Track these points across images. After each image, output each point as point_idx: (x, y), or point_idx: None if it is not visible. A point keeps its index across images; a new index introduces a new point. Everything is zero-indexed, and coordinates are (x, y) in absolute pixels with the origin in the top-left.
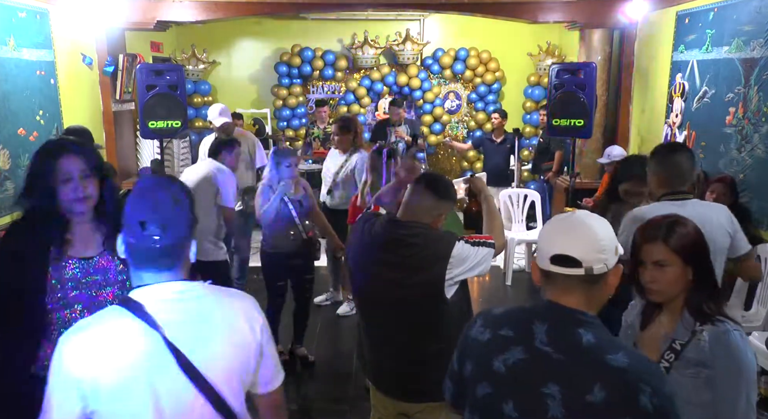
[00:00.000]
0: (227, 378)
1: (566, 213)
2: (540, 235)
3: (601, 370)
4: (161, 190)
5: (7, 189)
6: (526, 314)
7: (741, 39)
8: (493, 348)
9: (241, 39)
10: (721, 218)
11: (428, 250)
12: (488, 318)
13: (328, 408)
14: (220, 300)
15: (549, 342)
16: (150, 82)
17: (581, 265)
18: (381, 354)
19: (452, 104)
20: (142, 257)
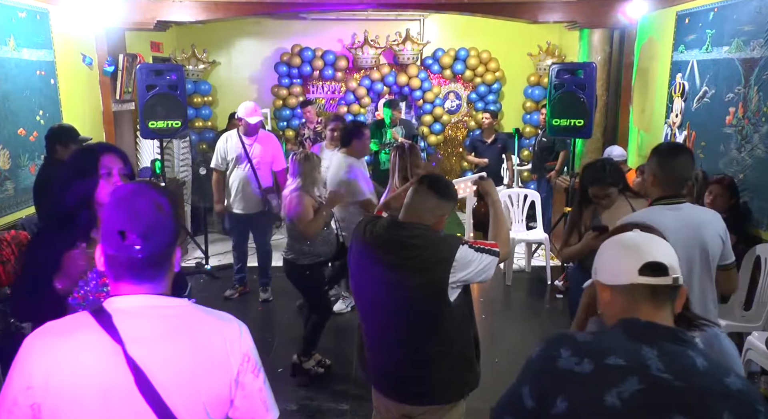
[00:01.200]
0: (192, 406)
1: (619, 234)
2: (606, 254)
3: (725, 396)
4: (140, 197)
5: (7, 189)
6: (628, 338)
7: (741, 39)
8: (603, 380)
9: (241, 39)
10: (716, 223)
11: (429, 252)
12: (577, 346)
13: (328, 408)
14: (199, 322)
15: (666, 369)
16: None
17: (669, 273)
18: (382, 356)
19: (452, 104)
20: (122, 268)
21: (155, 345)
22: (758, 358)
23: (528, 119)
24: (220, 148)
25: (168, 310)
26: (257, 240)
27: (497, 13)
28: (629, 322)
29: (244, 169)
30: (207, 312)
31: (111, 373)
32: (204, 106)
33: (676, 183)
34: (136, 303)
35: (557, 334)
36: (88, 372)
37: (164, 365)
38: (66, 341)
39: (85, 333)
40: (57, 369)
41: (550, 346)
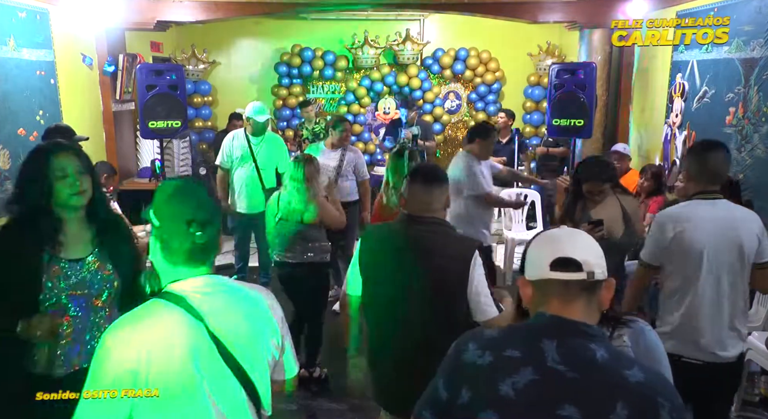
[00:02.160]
0: (259, 367)
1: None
2: (530, 250)
3: (621, 387)
4: (197, 190)
5: (6, 189)
6: (531, 332)
7: (741, 39)
8: (499, 371)
9: (241, 39)
10: (751, 220)
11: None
12: (483, 340)
13: (328, 408)
14: (247, 294)
15: (562, 360)
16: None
17: (582, 269)
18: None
19: (452, 104)
20: (182, 255)
21: (226, 317)
22: (758, 358)
23: (528, 119)
24: (226, 146)
25: (222, 286)
26: (259, 240)
27: (497, 13)
28: (537, 317)
29: (248, 169)
30: (247, 285)
31: (199, 348)
32: (204, 106)
33: (708, 178)
34: (198, 283)
35: (470, 332)
36: (180, 352)
37: (237, 335)
38: (149, 324)
39: (166, 316)
40: (152, 350)
41: (461, 341)
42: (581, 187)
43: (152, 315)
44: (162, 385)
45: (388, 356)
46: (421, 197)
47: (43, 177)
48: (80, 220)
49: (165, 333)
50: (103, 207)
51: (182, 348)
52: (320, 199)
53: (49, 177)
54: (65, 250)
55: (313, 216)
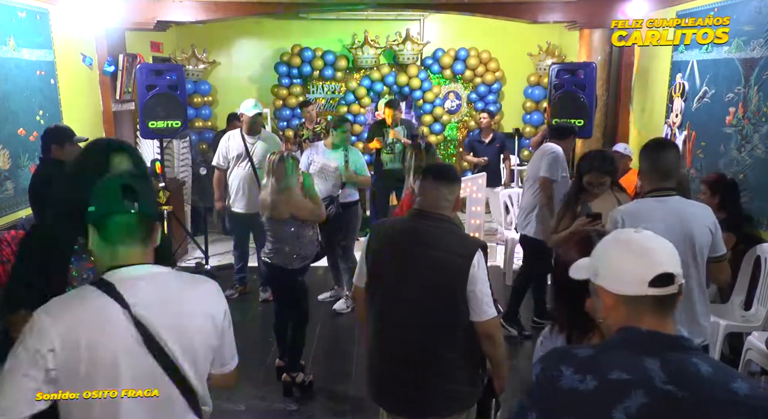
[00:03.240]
0: (192, 359)
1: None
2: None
3: (733, 403)
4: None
5: (7, 189)
6: (631, 350)
7: (741, 39)
8: (608, 397)
9: (241, 39)
10: (703, 215)
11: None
12: (579, 363)
13: (328, 408)
14: (187, 284)
15: (669, 380)
16: (150, 82)
17: (675, 282)
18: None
19: (452, 104)
20: (118, 233)
21: (156, 306)
22: (758, 358)
23: (528, 119)
24: (222, 147)
25: (159, 276)
26: (258, 239)
27: (497, 13)
28: (630, 332)
29: (244, 168)
30: (189, 276)
31: (121, 335)
32: (204, 106)
33: (661, 176)
34: (132, 272)
35: (555, 352)
36: (101, 334)
37: (167, 324)
38: (78, 307)
39: (93, 301)
40: (74, 333)
41: (550, 366)
42: (582, 180)
43: (81, 299)
44: (81, 370)
45: (389, 352)
46: (429, 193)
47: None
48: None
49: (89, 318)
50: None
51: (105, 334)
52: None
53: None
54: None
55: (281, 211)
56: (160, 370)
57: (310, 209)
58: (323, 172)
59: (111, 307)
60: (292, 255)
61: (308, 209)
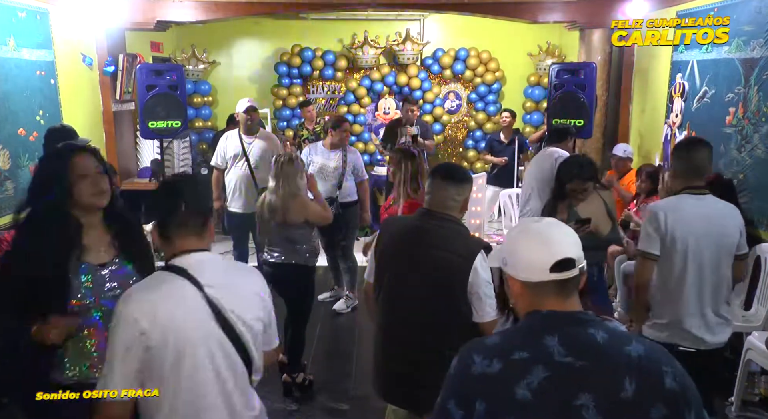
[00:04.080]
0: (252, 334)
1: (529, 222)
2: (520, 250)
3: (626, 364)
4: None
5: (7, 189)
6: (532, 331)
7: (741, 39)
8: (511, 375)
9: (241, 39)
10: (734, 215)
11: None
12: (487, 349)
13: (329, 408)
14: (240, 269)
15: (567, 352)
16: (150, 82)
17: (575, 265)
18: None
19: (452, 104)
20: (177, 227)
21: (224, 289)
22: (758, 358)
23: (528, 119)
24: (220, 147)
25: (220, 261)
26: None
27: (497, 13)
28: (532, 316)
29: (241, 168)
30: (238, 263)
31: (199, 313)
32: (204, 106)
33: (694, 173)
34: (198, 258)
35: (468, 344)
36: (184, 313)
37: (234, 305)
38: (157, 291)
39: (172, 282)
40: (160, 312)
41: (464, 355)
42: (563, 187)
43: (160, 283)
44: (170, 346)
45: (392, 347)
46: (437, 193)
47: (63, 177)
48: (99, 223)
49: (171, 298)
50: (120, 207)
51: (187, 312)
52: (302, 198)
53: (70, 177)
54: (89, 255)
55: (294, 217)
56: (229, 343)
57: (321, 213)
58: (322, 172)
59: (187, 287)
60: (305, 252)
61: (320, 213)
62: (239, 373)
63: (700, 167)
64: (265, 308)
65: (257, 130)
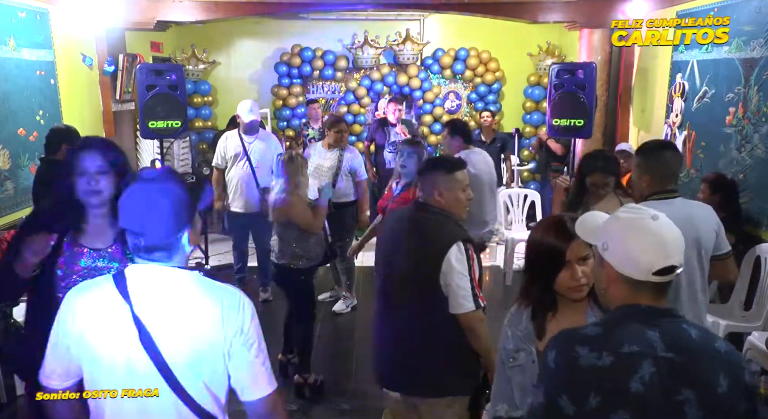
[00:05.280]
0: (188, 367)
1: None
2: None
3: (719, 360)
4: (141, 196)
5: (7, 189)
6: (634, 325)
7: (741, 39)
8: (624, 369)
9: (241, 39)
10: (707, 216)
11: (433, 236)
12: (591, 341)
13: (328, 408)
14: (202, 292)
15: (668, 348)
16: (150, 82)
17: (676, 270)
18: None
19: (452, 104)
20: (135, 250)
21: (160, 307)
22: (758, 358)
23: (528, 119)
24: (221, 147)
25: (175, 278)
26: (257, 240)
27: (497, 13)
28: (632, 308)
29: (242, 168)
30: (211, 285)
31: (121, 327)
32: (204, 106)
33: (665, 177)
34: (148, 271)
35: (563, 335)
36: (106, 323)
37: (165, 327)
38: (91, 296)
39: (106, 292)
40: (86, 318)
41: (564, 348)
42: (585, 181)
43: (97, 287)
44: (87, 353)
45: (380, 330)
46: (425, 185)
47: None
48: (104, 215)
49: (98, 306)
50: None
51: (108, 325)
52: (290, 198)
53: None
54: (87, 239)
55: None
56: (156, 370)
57: (307, 220)
58: (317, 172)
59: (116, 300)
60: (297, 255)
61: (305, 220)
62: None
63: (669, 171)
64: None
65: (258, 130)
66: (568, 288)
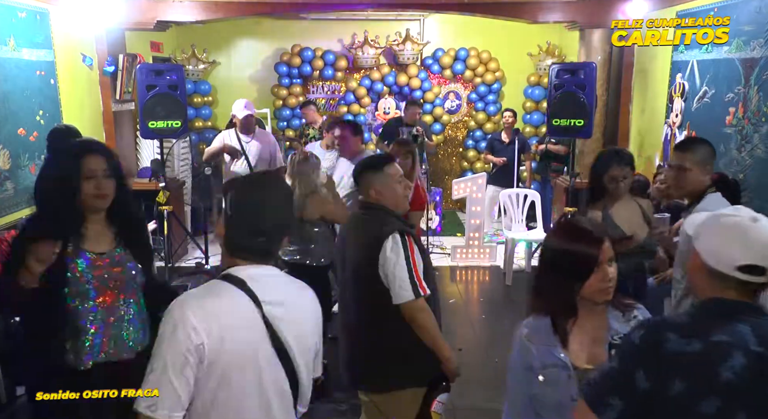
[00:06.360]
0: (305, 360)
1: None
2: (722, 239)
3: None
4: (273, 197)
5: (7, 189)
6: (724, 316)
7: (741, 39)
8: (714, 357)
9: (241, 39)
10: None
11: (370, 230)
12: (680, 328)
13: (328, 408)
14: (300, 289)
15: (759, 343)
16: (150, 82)
17: (764, 274)
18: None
19: (452, 104)
20: (243, 252)
21: (282, 308)
22: None
23: (528, 119)
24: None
25: (280, 278)
26: None
27: (497, 13)
28: (720, 301)
29: (241, 167)
30: (299, 282)
31: (255, 331)
32: (204, 106)
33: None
34: (260, 273)
35: (653, 320)
36: (241, 329)
37: (290, 326)
38: (217, 302)
39: (231, 295)
40: (218, 325)
41: (653, 330)
42: (600, 183)
43: (218, 294)
44: (221, 362)
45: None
46: (361, 185)
47: (72, 176)
48: (102, 218)
49: (229, 311)
50: (128, 206)
51: (242, 328)
52: (319, 195)
53: (78, 177)
54: (88, 243)
55: (311, 214)
56: (280, 368)
57: (339, 211)
58: None
59: (245, 302)
60: (320, 253)
61: (337, 211)
62: (285, 401)
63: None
64: (320, 334)
65: (254, 129)
66: (597, 291)
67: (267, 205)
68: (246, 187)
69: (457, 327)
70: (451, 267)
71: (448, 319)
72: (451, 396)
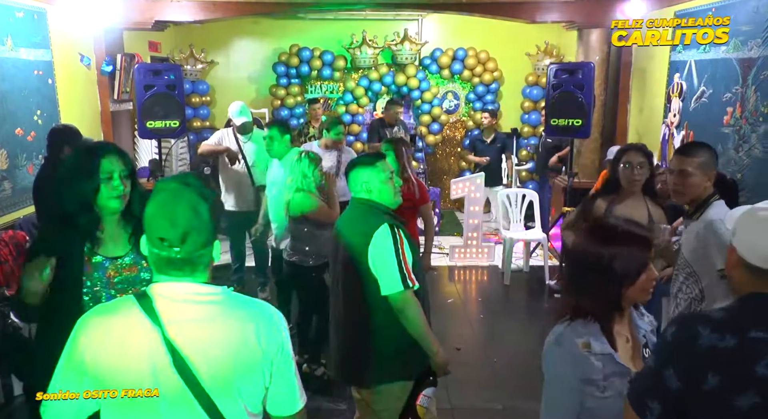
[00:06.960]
0: (224, 388)
1: None
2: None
3: None
4: (180, 201)
5: (5, 189)
6: (761, 313)
7: (739, 39)
8: (750, 353)
9: (239, 39)
10: None
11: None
12: (714, 323)
13: (328, 408)
14: (235, 309)
15: None
16: (148, 82)
17: None
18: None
19: (450, 104)
20: (162, 264)
21: (192, 329)
22: None
23: (526, 119)
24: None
25: (206, 297)
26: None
27: (495, 13)
28: (758, 297)
29: (238, 167)
30: (243, 300)
31: (150, 353)
32: (202, 106)
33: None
34: (177, 290)
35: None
36: (129, 350)
37: (199, 349)
38: (111, 321)
39: (130, 316)
40: (104, 345)
41: (686, 326)
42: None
43: (117, 311)
44: (113, 383)
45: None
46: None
47: (91, 177)
48: (117, 220)
49: (122, 331)
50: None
51: (136, 351)
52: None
53: (97, 178)
54: (103, 248)
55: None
56: (190, 395)
57: (322, 210)
58: None
59: (144, 324)
60: (309, 253)
61: (320, 210)
62: None
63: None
64: (260, 358)
65: (251, 128)
66: (642, 290)
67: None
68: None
69: (455, 327)
70: (450, 267)
71: (446, 319)
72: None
